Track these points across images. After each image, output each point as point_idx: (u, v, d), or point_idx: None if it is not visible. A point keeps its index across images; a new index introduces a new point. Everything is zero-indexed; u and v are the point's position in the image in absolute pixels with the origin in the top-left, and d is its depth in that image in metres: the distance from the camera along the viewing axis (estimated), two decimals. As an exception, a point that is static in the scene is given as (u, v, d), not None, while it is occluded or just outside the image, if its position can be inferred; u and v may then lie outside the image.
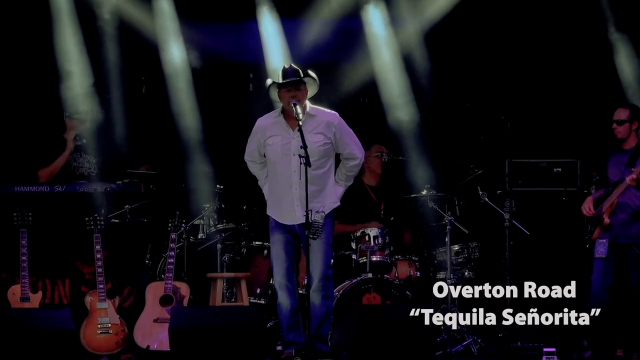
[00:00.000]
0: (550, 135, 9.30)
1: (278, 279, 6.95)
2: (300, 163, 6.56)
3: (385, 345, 6.63)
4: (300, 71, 6.85)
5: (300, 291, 7.36)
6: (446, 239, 8.22)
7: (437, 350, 7.47)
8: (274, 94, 6.93)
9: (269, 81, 6.93)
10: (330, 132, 6.87)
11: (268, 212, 6.99)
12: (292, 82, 6.79)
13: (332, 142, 6.90)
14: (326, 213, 6.75)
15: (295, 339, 6.94)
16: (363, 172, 8.61)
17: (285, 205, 6.88)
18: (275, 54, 9.06)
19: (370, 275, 8.11)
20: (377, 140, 8.80)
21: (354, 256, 8.27)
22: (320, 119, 6.87)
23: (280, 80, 6.83)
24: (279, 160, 6.86)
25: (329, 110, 6.99)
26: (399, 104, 9.16)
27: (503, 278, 7.93)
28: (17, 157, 8.28)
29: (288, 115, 6.88)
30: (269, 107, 7.27)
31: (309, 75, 6.86)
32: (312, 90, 6.92)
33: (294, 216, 6.86)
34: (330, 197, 6.92)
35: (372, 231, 8.21)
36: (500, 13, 9.14)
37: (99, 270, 7.67)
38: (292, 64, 6.95)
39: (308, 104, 6.89)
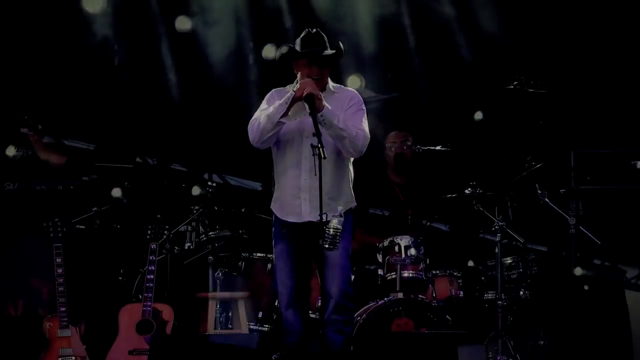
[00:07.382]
0: (627, 119, 8.59)
1: (284, 300, 6.49)
2: (313, 154, 6.04)
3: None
4: (327, 42, 6.35)
5: (312, 315, 7.12)
6: (496, 250, 7.66)
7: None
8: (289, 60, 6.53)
9: (284, 49, 6.42)
10: (347, 106, 6.46)
11: (271, 206, 6.58)
12: (316, 57, 6.26)
13: None
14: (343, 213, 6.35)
15: (305, 374, 6.58)
16: (388, 165, 8.34)
17: (289, 197, 6.44)
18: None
19: (401, 295, 7.61)
20: (404, 126, 8.42)
21: (380, 271, 7.76)
22: (340, 95, 6.48)
23: (299, 49, 6.33)
24: (289, 140, 6.40)
25: (350, 88, 6.70)
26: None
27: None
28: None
29: None
30: (279, 82, 6.72)
31: (339, 47, 6.36)
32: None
33: (298, 213, 6.40)
34: (346, 195, 6.48)
35: (403, 240, 7.69)
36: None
37: (61, 289, 7.26)
38: (318, 29, 6.42)
39: (330, 81, 6.51)
